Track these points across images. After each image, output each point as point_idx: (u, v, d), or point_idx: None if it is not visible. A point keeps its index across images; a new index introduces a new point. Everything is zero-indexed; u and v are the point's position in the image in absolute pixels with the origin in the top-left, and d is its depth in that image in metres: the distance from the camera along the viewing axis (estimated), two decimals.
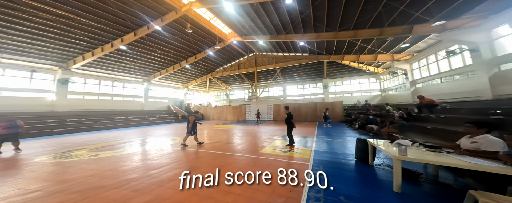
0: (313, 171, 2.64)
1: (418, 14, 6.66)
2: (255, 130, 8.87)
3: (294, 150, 4.21)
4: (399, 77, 12.29)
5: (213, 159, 3.63)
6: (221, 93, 27.71)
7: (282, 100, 20.67)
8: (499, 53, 6.10)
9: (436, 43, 8.66)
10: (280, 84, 21.28)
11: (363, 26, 8.89)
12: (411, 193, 1.99)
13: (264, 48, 17.36)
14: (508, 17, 5.63)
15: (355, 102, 15.47)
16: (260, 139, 6.03)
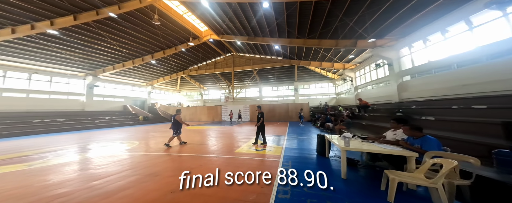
0: (283, 167, 2.85)
1: (360, 31, 8.30)
2: (231, 130, 8.75)
3: (266, 148, 4.37)
4: (348, 83, 15.07)
5: (181, 162, 3.33)
6: (194, 93, 25.84)
7: (258, 101, 21.11)
8: (402, 68, 8.43)
9: (370, 57, 10.94)
10: (257, 86, 21.68)
11: (325, 37, 10.25)
12: (352, 178, 2.37)
13: (241, 49, 17.27)
14: (408, 41, 7.82)
15: (318, 103, 17.63)
16: (236, 139, 6.00)
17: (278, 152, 3.96)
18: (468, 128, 3.06)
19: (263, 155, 3.78)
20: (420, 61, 7.54)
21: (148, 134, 8.20)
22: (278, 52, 15.92)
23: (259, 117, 4.65)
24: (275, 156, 3.69)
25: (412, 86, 7.90)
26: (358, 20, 7.86)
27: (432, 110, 4.81)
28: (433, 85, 6.68)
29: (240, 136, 6.81)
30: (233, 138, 6.17)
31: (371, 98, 10.35)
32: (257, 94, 21.87)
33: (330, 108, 13.74)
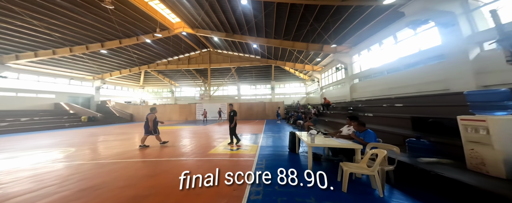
0: (257, 166, 2.88)
1: (326, 37, 9.43)
2: (206, 130, 8.31)
3: (243, 147, 4.37)
4: (315, 83, 17.04)
5: (136, 170, 2.87)
6: (164, 89, 22.95)
7: (236, 99, 20.80)
8: (354, 72, 10.21)
9: (332, 61, 12.62)
10: (235, 84, 21.23)
11: (298, 39, 10.98)
12: (316, 171, 2.53)
13: (219, 45, 16.42)
14: (358, 49, 9.47)
15: (292, 102, 19.01)
16: (211, 139, 5.77)
17: (254, 151, 4.01)
18: (392, 122, 4.12)
19: (239, 155, 3.77)
20: (365, 67, 9.33)
21: (94, 137, 6.81)
22: (256, 51, 16.00)
23: (232, 116, 4.49)
24: (250, 155, 3.72)
25: (359, 88, 9.73)
26: (324, 27, 8.82)
27: (371, 107, 6.16)
28: (372, 88, 8.43)
29: (216, 135, 6.58)
30: (208, 138, 5.90)
31: (332, 97, 12.01)
32: (235, 93, 21.47)
33: (301, 106, 15.21)
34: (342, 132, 3.28)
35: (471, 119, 1.82)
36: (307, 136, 3.01)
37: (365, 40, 8.80)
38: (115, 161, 3.35)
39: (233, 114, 4.52)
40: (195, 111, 16.12)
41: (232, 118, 4.48)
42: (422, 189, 1.93)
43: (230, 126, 4.49)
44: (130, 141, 5.74)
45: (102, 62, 14.85)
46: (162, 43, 14.70)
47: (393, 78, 7.18)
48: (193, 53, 18.33)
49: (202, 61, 18.46)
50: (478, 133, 1.76)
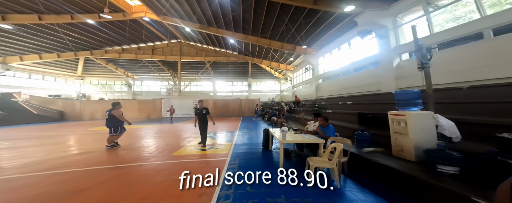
0: (230, 166, 2.71)
1: (298, 38, 9.98)
2: (173, 129, 7.42)
3: (216, 146, 4.11)
4: (288, 82, 18.38)
5: (58, 184, 2.14)
6: (116, 82, 19.15)
7: (211, 95, 19.60)
8: (319, 73, 11.43)
9: (303, 61, 13.58)
10: (210, 79, 19.90)
11: (274, 38, 11.16)
12: (287, 167, 2.61)
13: (192, 37, 14.82)
14: (323, 52, 10.53)
15: (267, 99, 19.53)
16: (179, 138, 5.17)
17: (227, 150, 3.80)
18: (345, 118, 4.85)
19: (210, 155, 3.47)
20: (327, 69, 10.51)
21: None
22: (233, 47, 15.33)
23: (204, 114, 4.06)
24: (223, 154, 3.49)
25: (322, 87, 10.94)
26: (297, 28, 9.26)
27: (331, 105, 7.12)
28: (331, 87, 9.59)
29: (185, 134, 5.94)
30: (174, 138, 5.25)
31: (302, 95, 13.07)
32: (210, 88, 20.15)
33: (275, 104, 15.96)
34: (309, 128, 3.48)
35: (396, 114, 2.28)
36: (279, 133, 3.03)
37: (328, 44, 9.83)
38: (26, 175, 2.41)
39: (206, 112, 4.11)
40: (161, 107, 14.12)
41: (204, 116, 4.07)
42: (367, 176, 2.21)
43: (201, 124, 4.05)
44: (52, 147, 4.34)
45: (4, 40, 10.51)
46: (115, 28, 11.91)
47: (346, 80, 8.46)
48: (159, 43, 15.86)
49: (171, 53, 16.29)
50: (400, 125, 2.25)
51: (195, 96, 18.10)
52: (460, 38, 4.08)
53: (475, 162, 1.44)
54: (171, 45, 16.42)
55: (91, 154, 3.44)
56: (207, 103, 15.39)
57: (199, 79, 19.78)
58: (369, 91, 6.61)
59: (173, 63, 17.61)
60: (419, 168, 1.85)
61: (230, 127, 7.79)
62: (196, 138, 5.10)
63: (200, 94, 19.53)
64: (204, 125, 4.08)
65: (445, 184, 1.44)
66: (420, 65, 2.46)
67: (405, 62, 5.48)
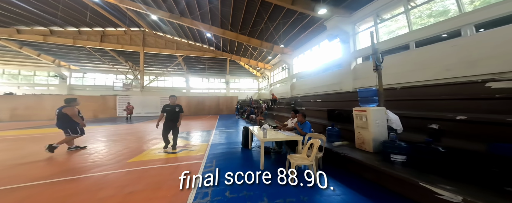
0: (206, 169, 2.39)
1: (276, 38, 10.15)
2: (130, 130, 6.23)
3: (190, 147, 3.61)
4: (266, 80, 18.86)
5: None
6: (39, 72, 14.59)
7: (184, 92, 17.69)
8: (293, 72, 12.28)
9: (280, 61, 14.05)
10: (183, 75, 17.84)
11: (254, 35, 10.93)
12: (268, 166, 2.55)
13: (160, 27, 12.69)
14: (297, 53, 11.15)
15: (246, 97, 19.30)
16: (140, 141, 4.34)
17: (202, 151, 3.37)
18: (316, 114, 5.26)
19: (182, 158, 2.96)
20: (301, 69, 11.20)
21: None
22: (210, 42, 14.12)
23: (177, 111, 3.41)
24: (198, 156, 3.05)
25: (297, 86, 11.67)
26: (276, 27, 9.32)
27: (304, 102, 7.67)
28: (304, 86, 10.32)
29: (149, 135, 5.04)
30: (134, 141, 4.35)
31: (278, 93, 13.53)
32: (183, 85, 18.11)
33: (253, 101, 15.96)
34: (287, 125, 3.47)
35: (360, 110, 2.54)
36: (260, 131, 2.85)
37: (302, 45, 10.44)
38: None
39: (180, 109, 3.45)
40: (116, 105, 11.70)
41: (177, 115, 3.39)
42: (339, 168, 2.32)
43: (170, 124, 3.35)
44: None
45: None
46: (38, 2, 8.69)
47: (315, 80, 9.30)
48: (112, 29, 12.87)
49: (130, 43, 13.55)
50: (362, 120, 2.52)
51: (163, 93, 15.80)
52: (395, 48, 5.10)
53: (416, 150, 1.70)
54: (130, 34, 13.56)
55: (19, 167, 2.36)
56: (180, 100, 13.71)
57: (169, 74, 17.40)
58: (334, 90, 7.48)
59: (134, 55, 14.67)
60: (377, 158, 2.09)
61: (206, 125, 7.19)
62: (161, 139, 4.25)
63: (170, 90, 17.22)
64: (175, 124, 3.44)
65: (398, 172, 1.63)
66: (375, 67, 2.81)
67: (359, 65, 6.44)
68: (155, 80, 16.88)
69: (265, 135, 2.57)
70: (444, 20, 3.99)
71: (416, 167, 1.68)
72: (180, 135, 4.26)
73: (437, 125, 1.85)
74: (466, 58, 3.45)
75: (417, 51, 4.54)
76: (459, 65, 3.52)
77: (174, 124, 3.38)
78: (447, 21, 3.87)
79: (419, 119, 2.46)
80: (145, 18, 11.55)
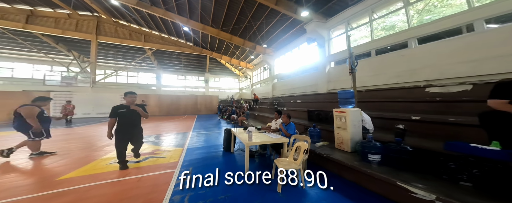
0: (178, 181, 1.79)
1: (259, 37, 10.02)
2: (71, 134, 4.90)
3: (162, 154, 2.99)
4: (248, 80, 18.58)
5: None
6: None
7: (154, 90, 15.45)
8: (274, 73, 12.56)
9: (262, 61, 13.97)
10: (153, 71, 15.59)
11: (236, 33, 10.42)
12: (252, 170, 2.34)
13: (122, 14, 10.65)
14: (278, 54, 11.31)
15: (226, 97, 18.55)
16: (85, 150, 3.37)
17: (175, 158, 2.81)
18: (297, 115, 5.36)
19: (149, 168, 2.35)
20: (282, 70, 11.46)
21: None
22: (187, 36, 12.69)
23: (137, 115, 2.48)
24: (169, 165, 2.50)
25: (278, 87, 11.90)
26: (259, 27, 9.13)
27: (285, 102, 7.85)
28: (284, 87, 10.61)
29: (100, 141, 4.01)
30: (73, 150, 3.30)
31: (260, 94, 13.49)
32: (153, 82, 15.86)
33: (235, 101, 15.42)
34: (271, 126, 3.30)
35: (339, 111, 2.62)
36: (245, 134, 2.58)
37: (283, 47, 10.63)
38: None
39: (143, 109, 2.51)
40: (49, 104, 8.90)
41: (137, 118, 2.48)
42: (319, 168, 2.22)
43: (130, 129, 2.42)
44: None
45: None
46: None
47: (294, 81, 9.67)
48: (48, 10, 9.95)
49: (77, 29, 10.85)
50: (341, 121, 2.61)
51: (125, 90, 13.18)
52: (360, 54, 5.79)
53: (389, 150, 1.81)
54: (77, 18, 10.75)
55: None
56: (148, 98, 11.79)
57: (133, 69, 14.80)
58: (310, 91, 7.95)
59: (82, 43, 11.79)
60: (355, 158, 2.16)
61: (181, 127, 6.40)
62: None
63: (135, 87, 14.75)
64: (137, 130, 2.57)
65: (378, 172, 1.68)
66: (350, 70, 2.98)
67: (332, 69, 7.04)
68: (114, 75, 13.90)
69: (250, 138, 2.32)
70: (395, 33, 4.72)
71: (390, 166, 1.78)
72: (146, 139, 3.52)
73: (403, 125, 2.05)
74: (410, 66, 4.18)
75: (376, 58, 5.25)
76: (405, 72, 4.24)
77: (136, 129, 2.54)
78: (398, 34, 4.59)
79: (382, 119, 2.74)
80: (102, 1, 9.29)
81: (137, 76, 15.42)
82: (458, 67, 3.29)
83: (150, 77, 15.84)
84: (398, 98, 3.17)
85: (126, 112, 2.38)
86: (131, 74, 15.14)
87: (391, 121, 2.52)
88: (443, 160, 1.49)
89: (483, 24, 3.13)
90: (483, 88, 2.30)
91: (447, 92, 2.66)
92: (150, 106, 11.51)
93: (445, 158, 1.48)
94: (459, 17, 3.43)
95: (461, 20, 3.39)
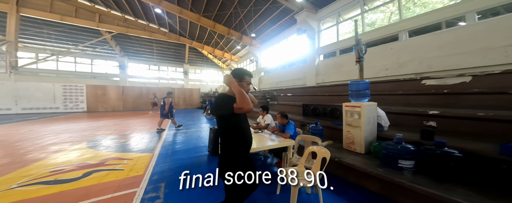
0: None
1: (246, 27, 8.93)
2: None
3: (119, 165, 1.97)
4: None
5: None
6: None
7: (116, 81, 12.49)
8: (261, 66, 11.80)
9: (248, 53, 12.98)
10: (114, 58, 12.46)
11: (221, 21, 9.00)
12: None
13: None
14: (265, 46, 10.49)
15: (209, 90, 16.81)
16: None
17: (141, 168, 1.91)
18: (290, 109, 4.91)
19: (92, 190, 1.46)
20: (268, 62, 10.73)
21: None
22: (161, 21, 10.34)
23: None
24: (128, 182, 1.61)
25: (264, 80, 11.22)
26: (247, 15, 7.94)
27: (274, 96, 7.29)
28: (271, 80, 10.02)
29: (21, 150, 2.48)
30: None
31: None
32: (116, 71, 12.79)
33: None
34: (259, 124, 2.76)
35: (351, 105, 2.12)
36: None
37: (271, 38, 9.78)
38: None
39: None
40: None
41: None
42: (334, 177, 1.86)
43: None
44: None
45: None
46: None
47: (282, 74, 9.15)
48: None
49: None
50: (353, 117, 2.15)
51: (69, 79, 10.13)
52: (347, 48, 5.61)
53: (426, 154, 1.40)
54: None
55: None
56: (105, 90, 9.28)
57: (84, 55, 11.48)
58: (299, 85, 7.60)
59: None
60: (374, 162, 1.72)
61: (152, 124, 5.12)
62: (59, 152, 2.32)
63: (88, 76, 11.46)
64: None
65: (420, 185, 1.23)
66: (358, 58, 2.51)
67: (321, 62, 6.76)
68: (52, 61, 10.20)
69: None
70: (386, 26, 4.59)
71: (429, 175, 1.36)
72: (94, 143, 2.57)
73: (434, 122, 1.68)
74: (398, 60, 4.13)
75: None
76: (393, 65, 4.20)
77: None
78: (389, 26, 4.44)
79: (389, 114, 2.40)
80: None
81: (91, 64, 11.74)
82: (446, 60, 3.30)
83: (110, 66, 12.50)
84: (398, 91, 2.94)
85: None
86: (83, 61, 11.44)
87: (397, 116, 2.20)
88: (506, 168, 1.12)
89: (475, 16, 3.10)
90: (482, 80, 2.17)
91: (445, 84, 2.52)
92: (111, 99, 9.06)
93: (509, 167, 1.11)
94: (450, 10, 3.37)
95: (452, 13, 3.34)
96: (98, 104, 9.59)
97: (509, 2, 2.68)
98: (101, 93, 9.70)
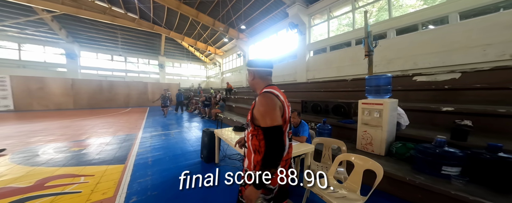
0: None
1: (233, 19, 7.91)
2: None
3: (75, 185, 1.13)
4: (217, 68, 15.66)
5: None
6: None
7: (62, 72, 9.67)
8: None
9: (234, 47, 11.93)
10: (58, 44, 9.48)
11: (205, 11, 7.76)
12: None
13: None
14: (254, 40, 9.71)
15: (190, 85, 15.04)
16: None
17: (109, 189, 1.21)
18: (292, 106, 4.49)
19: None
20: (256, 58, 10.56)
21: None
22: (128, 4, 8.35)
23: None
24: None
25: None
26: (235, 5, 6.99)
27: None
28: None
29: None
30: None
31: (232, 83, 11.80)
32: (62, 60, 9.94)
33: (202, 90, 12.54)
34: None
35: (370, 103, 1.82)
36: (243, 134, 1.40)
37: (260, 32, 9.06)
38: None
39: None
40: None
41: None
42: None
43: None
44: None
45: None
46: None
47: (275, 69, 8.84)
48: None
49: None
50: (372, 116, 1.85)
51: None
52: (340, 44, 5.59)
53: (477, 160, 1.16)
54: None
55: None
56: (44, 83, 6.92)
57: (5, 37, 8.23)
58: (289, 81, 7.34)
59: None
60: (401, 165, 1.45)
61: (123, 127, 3.91)
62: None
63: (14, 66, 8.40)
64: None
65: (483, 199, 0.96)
66: (367, 52, 2.22)
67: (312, 58, 6.61)
68: None
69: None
70: (376, 23, 4.62)
71: (482, 184, 1.13)
72: (18, 158, 1.65)
73: (470, 121, 1.49)
74: (386, 57, 4.25)
75: (353, 48, 5.14)
76: (381, 62, 4.30)
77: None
78: (379, 24, 4.48)
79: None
80: None
81: (18, 49, 8.42)
82: (430, 58, 3.47)
83: (51, 53, 9.41)
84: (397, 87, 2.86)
85: None
86: (5, 45, 8.14)
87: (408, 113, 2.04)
88: None
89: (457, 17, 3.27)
90: (470, 77, 2.23)
91: (434, 81, 2.56)
92: (53, 94, 6.71)
93: None
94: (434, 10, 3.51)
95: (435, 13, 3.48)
96: (32, 100, 6.87)
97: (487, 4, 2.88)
98: (37, 87, 6.96)
